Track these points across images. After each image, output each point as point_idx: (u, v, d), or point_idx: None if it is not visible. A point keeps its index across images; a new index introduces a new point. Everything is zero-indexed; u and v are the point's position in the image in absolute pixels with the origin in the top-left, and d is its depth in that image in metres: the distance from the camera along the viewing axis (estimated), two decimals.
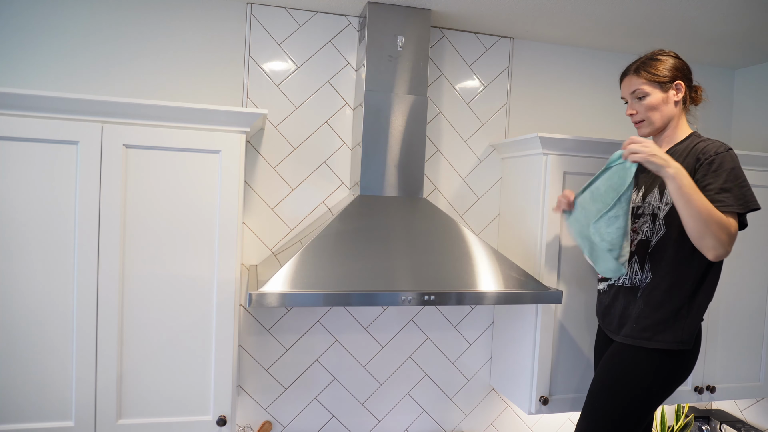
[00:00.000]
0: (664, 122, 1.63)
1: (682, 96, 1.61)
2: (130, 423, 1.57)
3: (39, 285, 1.48)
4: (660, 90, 1.61)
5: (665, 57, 1.63)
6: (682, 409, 2.36)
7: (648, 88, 1.62)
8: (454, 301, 1.64)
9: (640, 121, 1.65)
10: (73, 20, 1.79)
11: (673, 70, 1.61)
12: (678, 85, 1.60)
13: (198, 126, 1.57)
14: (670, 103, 1.61)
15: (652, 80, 1.61)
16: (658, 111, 1.62)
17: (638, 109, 1.64)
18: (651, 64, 1.63)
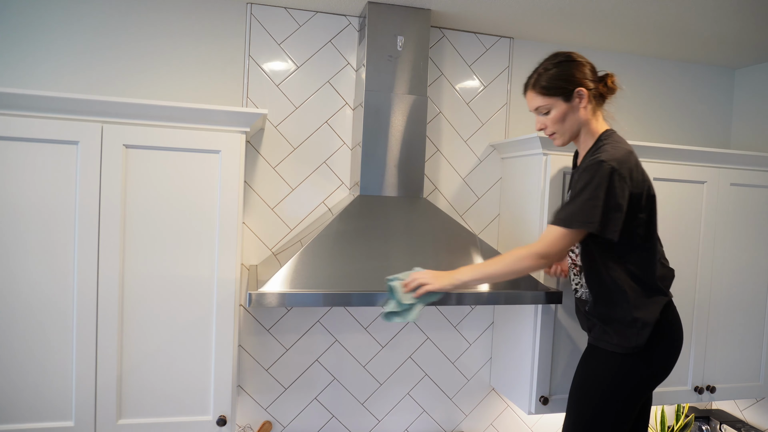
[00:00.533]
0: (576, 130, 1.58)
1: (586, 101, 1.53)
2: (130, 423, 1.57)
3: (39, 285, 1.48)
4: (563, 101, 1.54)
5: (557, 65, 1.55)
6: (682, 409, 2.36)
7: (549, 103, 1.55)
8: (454, 301, 1.64)
9: (552, 134, 1.61)
10: (73, 20, 1.79)
11: (569, 79, 1.52)
12: (579, 92, 1.52)
13: (198, 126, 1.57)
14: (576, 112, 1.54)
15: (550, 94, 1.54)
16: (565, 122, 1.56)
17: (546, 123, 1.59)
18: (545, 78, 1.55)
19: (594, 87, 1.55)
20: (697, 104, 2.46)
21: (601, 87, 1.57)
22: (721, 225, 2.08)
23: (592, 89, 1.54)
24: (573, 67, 1.54)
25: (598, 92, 1.56)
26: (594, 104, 1.56)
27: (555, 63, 1.55)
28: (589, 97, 1.53)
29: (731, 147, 2.51)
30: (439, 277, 1.50)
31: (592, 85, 1.54)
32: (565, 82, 1.53)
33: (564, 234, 1.44)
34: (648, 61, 2.38)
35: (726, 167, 2.07)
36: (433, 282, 1.49)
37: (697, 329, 2.07)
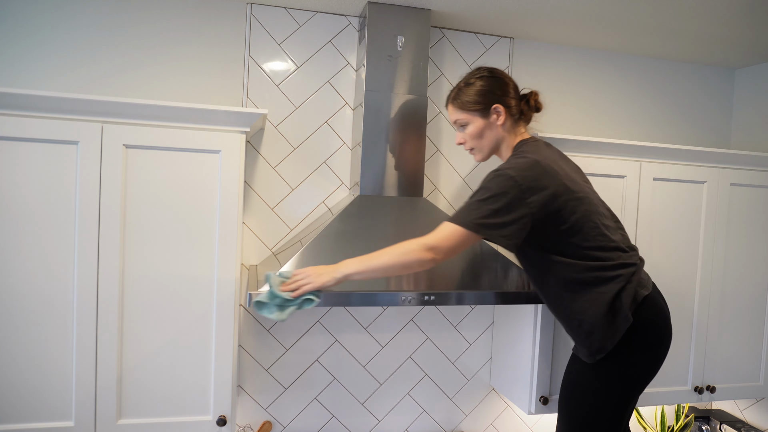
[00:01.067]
0: (494, 146, 1.59)
1: (503, 118, 1.54)
2: (130, 423, 1.57)
3: (39, 285, 1.48)
4: (480, 117, 1.55)
5: (477, 81, 1.55)
6: (682, 409, 2.36)
7: (467, 118, 1.56)
8: (454, 301, 1.64)
9: (471, 149, 1.62)
10: (72, 20, 1.79)
11: (487, 95, 1.53)
12: (497, 109, 1.54)
13: (198, 126, 1.56)
14: (494, 128, 1.56)
15: (467, 109, 1.55)
16: (483, 138, 1.57)
17: (465, 138, 1.60)
18: (465, 92, 1.56)
19: (515, 105, 1.56)
20: (697, 104, 2.46)
21: (523, 105, 1.58)
22: (721, 225, 2.08)
23: (512, 107, 1.55)
24: (493, 84, 1.55)
25: (519, 110, 1.57)
26: (513, 121, 1.57)
27: (476, 78, 1.57)
28: (506, 114, 1.54)
29: (731, 147, 2.51)
30: (321, 273, 1.41)
31: (513, 103, 1.55)
32: (483, 98, 1.54)
33: (454, 231, 1.39)
34: (648, 61, 2.38)
35: (726, 167, 2.07)
36: (314, 280, 1.41)
37: (697, 329, 2.07)
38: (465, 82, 1.58)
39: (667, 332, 1.52)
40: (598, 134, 2.33)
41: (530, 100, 1.58)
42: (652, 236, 2.00)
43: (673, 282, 2.03)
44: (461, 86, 1.58)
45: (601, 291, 1.45)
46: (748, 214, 2.13)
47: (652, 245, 1.99)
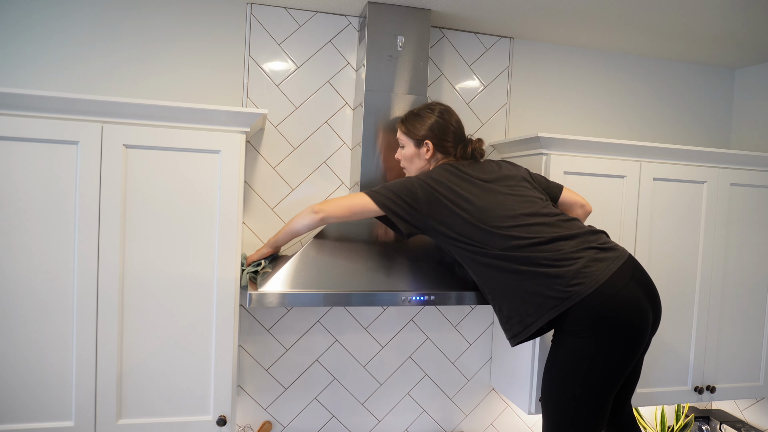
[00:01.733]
0: (418, 173, 1.71)
1: (431, 154, 1.69)
2: (130, 423, 1.57)
3: (39, 285, 1.48)
4: (414, 145, 1.71)
5: (427, 114, 1.71)
6: (682, 409, 2.36)
7: (405, 141, 1.73)
8: (454, 301, 1.64)
9: (403, 168, 1.79)
10: (73, 20, 1.79)
11: (426, 130, 1.69)
12: (427, 144, 1.69)
13: (198, 126, 1.56)
14: (422, 158, 1.72)
15: (407, 134, 1.72)
16: (412, 163, 1.74)
17: (400, 156, 1.76)
18: (411, 119, 1.72)
19: (450, 146, 1.70)
20: (697, 104, 2.46)
21: (459, 149, 1.70)
22: (721, 225, 2.08)
23: (446, 147, 1.70)
24: (435, 122, 1.69)
25: (455, 152, 1.71)
26: (440, 157, 1.71)
27: (426, 110, 1.72)
28: (434, 150, 1.69)
29: (731, 147, 2.51)
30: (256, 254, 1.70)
31: (448, 144, 1.70)
32: (420, 131, 1.69)
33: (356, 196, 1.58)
34: (648, 61, 2.38)
35: (726, 167, 2.07)
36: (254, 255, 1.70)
37: (697, 329, 2.07)
38: (417, 111, 1.73)
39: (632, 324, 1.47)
40: (598, 134, 2.33)
41: (467, 148, 1.71)
42: (652, 236, 2.00)
43: (673, 282, 2.03)
44: (413, 112, 1.74)
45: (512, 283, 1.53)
46: (748, 214, 2.13)
47: (651, 245, 1.99)
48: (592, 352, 1.47)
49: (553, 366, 1.53)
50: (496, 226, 1.53)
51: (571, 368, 1.49)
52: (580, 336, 1.47)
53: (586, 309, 1.45)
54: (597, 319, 1.45)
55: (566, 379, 1.49)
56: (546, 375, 1.55)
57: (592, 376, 1.48)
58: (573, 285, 1.45)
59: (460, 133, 1.73)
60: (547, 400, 1.54)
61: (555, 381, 1.52)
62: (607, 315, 1.46)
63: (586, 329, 1.46)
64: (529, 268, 1.50)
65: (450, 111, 1.73)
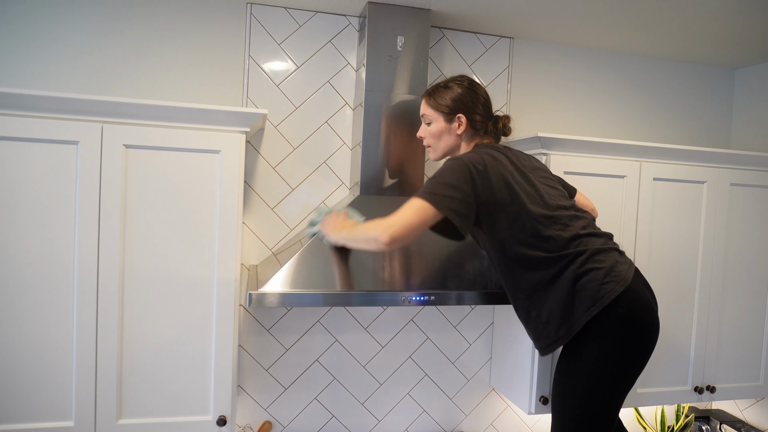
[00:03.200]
0: (448, 151, 1.64)
1: (463, 129, 1.59)
2: (130, 423, 1.57)
3: (39, 284, 1.48)
4: (444, 120, 1.61)
5: (455, 86, 1.60)
6: (682, 409, 2.36)
7: (433, 116, 1.62)
8: (454, 301, 1.64)
9: (428, 146, 1.67)
10: (73, 20, 1.79)
11: (457, 102, 1.58)
12: (459, 118, 1.59)
13: (198, 126, 1.56)
14: (453, 134, 1.61)
15: (436, 108, 1.61)
16: (440, 140, 1.63)
17: (425, 133, 1.66)
18: (439, 92, 1.61)
19: (479, 120, 1.60)
20: (697, 104, 2.46)
21: (490, 125, 1.62)
22: (721, 225, 2.08)
23: (476, 121, 1.59)
24: (466, 95, 1.60)
25: (483, 127, 1.61)
26: (473, 133, 1.61)
27: (455, 83, 1.62)
28: (467, 126, 1.59)
29: (731, 147, 2.51)
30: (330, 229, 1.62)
31: (478, 118, 1.60)
32: (452, 104, 1.59)
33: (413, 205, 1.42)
34: (648, 61, 2.38)
35: (726, 167, 2.07)
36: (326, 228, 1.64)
37: (697, 329, 2.07)
38: (444, 84, 1.63)
39: (651, 323, 1.50)
40: (598, 134, 2.33)
41: (498, 123, 1.63)
42: (652, 236, 2.00)
43: (673, 282, 2.03)
44: (439, 85, 1.64)
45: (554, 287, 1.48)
46: (748, 214, 2.13)
47: (651, 245, 1.99)
48: (617, 355, 1.46)
49: (576, 370, 1.49)
50: (544, 216, 1.48)
51: (599, 372, 1.46)
52: (608, 338, 1.45)
53: (614, 310, 1.44)
54: (624, 322, 1.44)
55: (591, 383, 1.47)
56: (566, 379, 1.52)
57: (616, 379, 1.47)
58: (605, 283, 1.44)
59: (490, 108, 1.64)
60: (564, 404, 1.52)
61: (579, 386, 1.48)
62: (633, 318, 1.45)
63: (614, 331, 1.44)
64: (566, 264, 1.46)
65: (478, 83, 1.64)
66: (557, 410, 1.55)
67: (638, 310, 1.47)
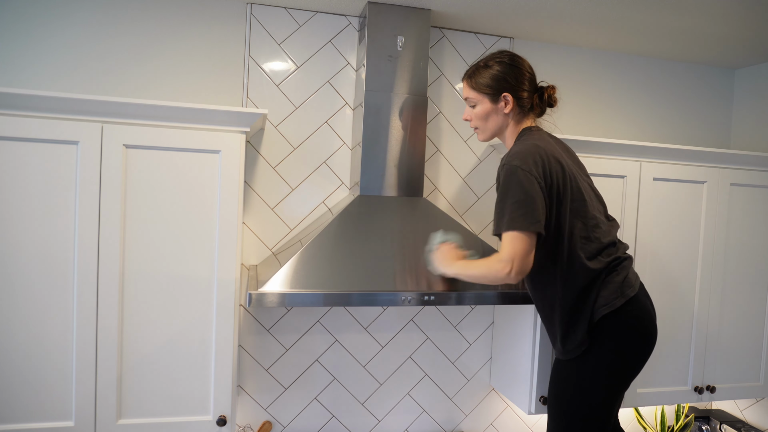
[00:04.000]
0: (497, 131, 1.62)
1: (511, 107, 1.56)
2: (130, 423, 1.57)
3: (39, 284, 1.48)
4: (489, 100, 1.57)
5: (495, 64, 1.56)
6: (682, 409, 2.36)
7: (477, 98, 1.59)
8: (454, 301, 1.64)
9: (476, 128, 1.65)
10: (73, 20, 1.79)
11: (500, 81, 1.55)
12: (505, 97, 1.55)
13: (198, 126, 1.56)
14: (500, 114, 1.58)
15: (479, 90, 1.57)
16: (488, 121, 1.60)
17: (471, 116, 1.63)
18: (480, 73, 1.58)
19: (526, 96, 1.56)
20: (697, 104, 2.46)
21: (536, 98, 1.58)
22: (721, 225, 2.08)
23: (522, 98, 1.56)
24: (509, 71, 1.56)
25: (531, 102, 1.58)
26: (520, 111, 1.58)
27: (495, 61, 1.58)
28: (514, 103, 1.56)
29: (731, 147, 2.51)
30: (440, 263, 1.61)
31: (524, 94, 1.56)
32: (495, 84, 1.55)
33: (511, 237, 1.42)
34: (648, 61, 2.38)
35: (726, 167, 2.07)
36: (435, 264, 1.63)
37: (697, 329, 2.07)
38: (484, 63, 1.59)
39: (652, 331, 1.54)
40: (598, 134, 2.33)
41: (544, 94, 1.59)
42: (652, 236, 1.99)
43: (673, 282, 2.03)
44: (479, 65, 1.60)
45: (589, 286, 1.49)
46: (748, 214, 2.13)
47: (652, 245, 1.99)
48: (615, 359, 1.49)
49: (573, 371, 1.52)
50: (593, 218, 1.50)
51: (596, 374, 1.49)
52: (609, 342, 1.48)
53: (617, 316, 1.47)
54: (625, 327, 1.48)
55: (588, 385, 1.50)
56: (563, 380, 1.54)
57: (612, 382, 1.50)
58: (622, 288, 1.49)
59: (535, 80, 1.59)
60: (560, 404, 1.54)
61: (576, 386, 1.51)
62: (634, 324, 1.49)
63: (615, 336, 1.47)
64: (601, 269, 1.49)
65: (520, 56, 1.59)
66: (553, 410, 1.56)
67: (640, 317, 1.51)
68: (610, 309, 1.47)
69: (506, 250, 1.42)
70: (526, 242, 1.42)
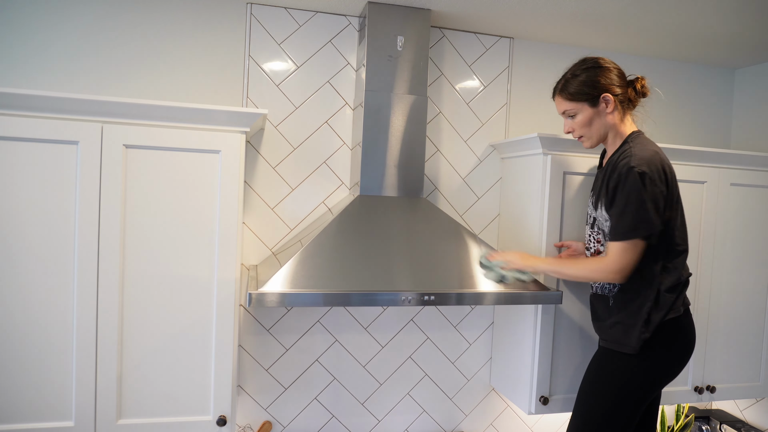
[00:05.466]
0: (603, 134, 1.63)
1: (612, 106, 1.58)
2: (130, 423, 1.57)
3: (39, 285, 1.48)
4: (589, 106, 1.59)
5: (584, 72, 1.59)
6: (682, 409, 2.36)
7: (576, 107, 1.61)
8: (454, 301, 1.64)
9: (580, 137, 1.66)
10: (73, 20, 1.79)
11: (595, 85, 1.57)
12: (605, 98, 1.57)
13: (198, 126, 1.57)
14: (603, 116, 1.60)
15: (575, 99, 1.60)
16: (592, 126, 1.61)
17: (573, 126, 1.64)
18: (572, 84, 1.60)
19: (621, 92, 1.58)
20: (697, 104, 2.46)
21: (630, 91, 1.60)
22: (721, 225, 2.08)
23: (619, 94, 1.58)
24: (599, 73, 1.58)
25: (626, 97, 1.60)
26: (621, 108, 1.60)
27: (582, 69, 1.60)
28: (615, 102, 1.58)
29: (731, 147, 2.51)
30: (525, 258, 1.66)
31: (620, 91, 1.58)
32: (591, 89, 1.57)
33: (626, 247, 1.48)
34: (648, 61, 2.38)
35: (726, 167, 2.07)
36: (518, 261, 1.65)
37: (697, 329, 2.06)
38: (572, 74, 1.61)
39: (694, 339, 1.62)
40: None
41: (636, 86, 1.61)
42: None
43: None
44: (568, 77, 1.62)
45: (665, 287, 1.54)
46: (748, 214, 2.13)
47: None
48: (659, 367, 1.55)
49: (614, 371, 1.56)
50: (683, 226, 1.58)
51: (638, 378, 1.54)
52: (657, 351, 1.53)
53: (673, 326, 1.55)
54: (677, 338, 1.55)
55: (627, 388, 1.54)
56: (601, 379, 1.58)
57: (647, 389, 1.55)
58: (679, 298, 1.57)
59: (624, 74, 1.61)
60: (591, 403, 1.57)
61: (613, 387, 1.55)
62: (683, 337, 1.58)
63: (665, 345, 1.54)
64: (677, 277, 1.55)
65: (602, 57, 1.62)
66: (582, 407, 1.59)
67: (688, 331, 1.59)
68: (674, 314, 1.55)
69: (618, 260, 1.49)
70: (639, 253, 1.49)
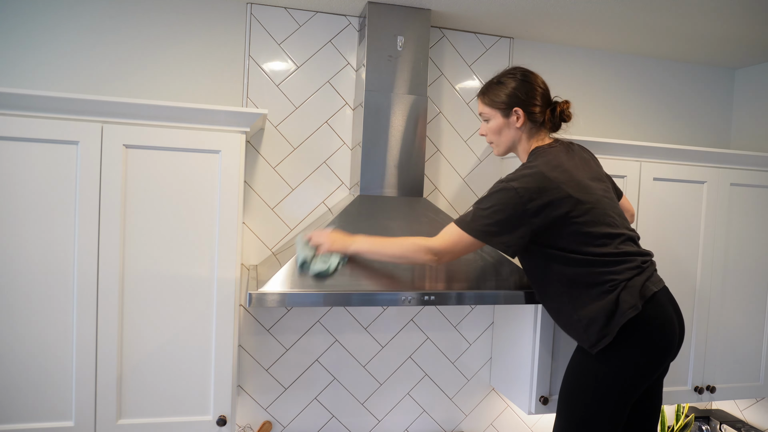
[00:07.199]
0: (509, 145, 1.65)
1: (522, 122, 1.58)
2: (130, 423, 1.57)
3: (39, 284, 1.48)
4: (501, 115, 1.61)
5: (508, 80, 1.60)
6: (682, 409, 2.36)
7: (490, 113, 1.63)
8: (454, 301, 1.64)
9: (490, 142, 1.68)
10: (73, 20, 1.79)
11: (512, 97, 1.58)
12: (516, 112, 1.58)
13: (198, 126, 1.57)
14: (512, 128, 1.61)
15: (491, 105, 1.62)
16: (501, 135, 1.63)
17: (486, 131, 1.66)
18: (492, 90, 1.61)
19: (538, 111, 1.59)
20: (697, 104, 2.46)
21: (548, 113, 1.60)
22: (721, 225, 2.08)
23: (534, 113, 1.59)
24: (521, 87, 1.59)
25: (543, 117, 1.60)
26: (532, 126, 1.61)
27: (508, 77, 1.62)
28: (525, 118, 1.59)
29: (731, 147, 2.51)
30: (335, 240, 1.60)
31: (536, 110, 1.59)
32: (508, 99, 1.59)
33: (459, 235, 1.49)
34: (648, 61, 2.38)
35: (726, 167, 2.07)
36: (329, 244, 1.60)
37: (697, 329, 2.07)
38: (497, 80, 1.63)
39: (672, 334, 1.52)
40: (598, 134, 2.33)
41: (556, 110, 1.61)
42: (652, 236, 1.99)
43: (673, 282, 2.03)
44: (492, 82, 1.64)
45: (603, 289, 1.48)
46: (748, 214, 2.13)
47: (651, 245, 1.99)
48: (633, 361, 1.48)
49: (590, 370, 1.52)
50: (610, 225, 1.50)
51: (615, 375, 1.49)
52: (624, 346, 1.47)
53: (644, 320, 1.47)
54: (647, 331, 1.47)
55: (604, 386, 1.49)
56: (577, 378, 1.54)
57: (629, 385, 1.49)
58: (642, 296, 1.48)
59: (548, 96, 1.62)
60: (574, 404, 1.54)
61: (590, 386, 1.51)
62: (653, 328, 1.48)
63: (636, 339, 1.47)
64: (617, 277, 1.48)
65: (533, 72, 1.62)
66: (563, 409, 1.56)
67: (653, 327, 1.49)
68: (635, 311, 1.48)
69: (445, 242, 1.50)
70: (467, 250, 1.52)
